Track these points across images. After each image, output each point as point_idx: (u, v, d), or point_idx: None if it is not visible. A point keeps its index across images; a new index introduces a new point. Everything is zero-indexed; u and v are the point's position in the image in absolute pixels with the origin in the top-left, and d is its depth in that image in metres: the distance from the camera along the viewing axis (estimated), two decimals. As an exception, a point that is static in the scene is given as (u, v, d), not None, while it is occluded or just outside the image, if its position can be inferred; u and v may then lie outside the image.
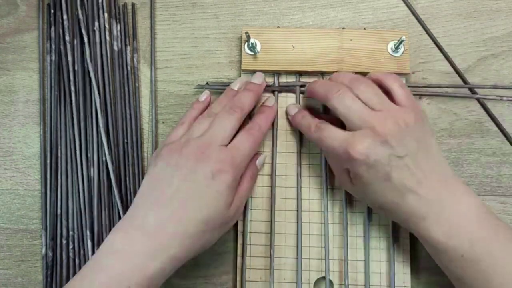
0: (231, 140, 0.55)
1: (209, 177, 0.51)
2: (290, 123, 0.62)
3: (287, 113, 0.62)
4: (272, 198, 0.61)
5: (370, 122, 0.51)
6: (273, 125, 0.62)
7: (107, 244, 0.49)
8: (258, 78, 0.61)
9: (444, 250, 0.50)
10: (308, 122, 0.58)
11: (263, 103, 0.62)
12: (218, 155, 0.52)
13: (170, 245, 0.49)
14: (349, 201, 0.61)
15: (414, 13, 0.66)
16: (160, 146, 0.56)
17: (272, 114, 0.61)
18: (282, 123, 0.63)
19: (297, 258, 0.60)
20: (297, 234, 0.60)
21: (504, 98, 0.59)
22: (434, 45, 0.65)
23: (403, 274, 0.59)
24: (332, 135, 0.54)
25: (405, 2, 0.66)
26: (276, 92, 0.63)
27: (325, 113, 0.62)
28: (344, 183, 0.57)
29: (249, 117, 0.60)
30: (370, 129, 0.51)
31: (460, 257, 0.49)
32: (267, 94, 0.63)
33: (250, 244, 0.60)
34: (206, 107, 0.60)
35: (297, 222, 0.60)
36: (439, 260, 0.53)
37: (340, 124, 0.55)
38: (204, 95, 0.61)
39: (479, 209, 0.51)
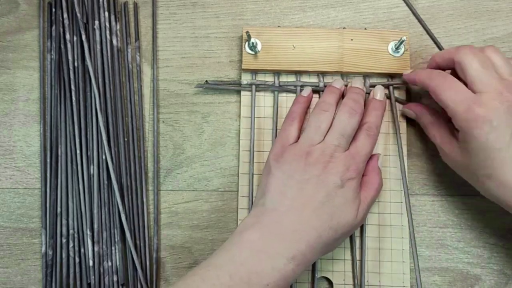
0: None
1: (338, 185, 0.52)
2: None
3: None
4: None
5: (499, 87, 0.51)
6: (273, 124, 0.62)
7: (244, 240, 0.50)
8: (359, 83, 0.60)
9: None
10: (429, 72, 0.57)
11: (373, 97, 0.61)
12: (344, 163, 0.53)
13: (306, 250, 0.50)
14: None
15: (415, 13, 0.66)
16: (278, 147, 0.56)
17: (384, 109, 0.60)
18: (282, 122, 0.62)
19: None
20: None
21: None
22: (434, 45, 0.65)
23: (402, 274, 0.59)
24: (456, 88, 0.53)
25: (406, 2, 0.66)
26: (276, 92, 0.63)
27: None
28: (449, 153, 0.56)
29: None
30: (498, 94, 0.50)
31: None
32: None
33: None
34: (309, 102, 0.61)
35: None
36: None
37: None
38: (308, 90, 0.61)
39: None
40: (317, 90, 0.63)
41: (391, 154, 0.62)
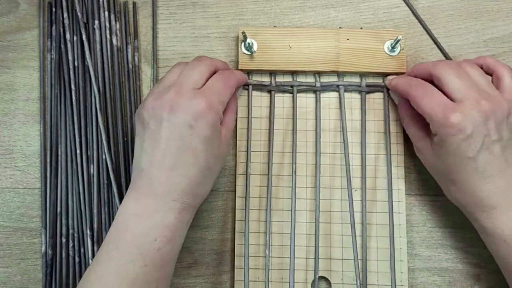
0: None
1: (191, 124, 0.50)
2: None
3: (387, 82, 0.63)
4: (268, 198, 0.61)
5: (477, 96, 0.51)
6: (270, 125, 0.62)
7: (124, 212, 0.51)
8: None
9: (508, 242, 0.52)
10: (409, 79, 0.58)
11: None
12: (191, 100, 0.51)
13: (181, 197, 0.51)
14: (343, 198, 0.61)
15: (415, 14, 0.66)
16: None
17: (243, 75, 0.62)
18: (278, 122, 0.63)
19: (290, 257, 0.60)
20: (290, 233, 0.60)
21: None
22: (434, 46, 0.65)
23: (400, 273, 0.59)
24: (435, 95, 0.54)
25: (406, 2, 0.66)
26: (272, 92, 0.63)
27: None
28: (422, 149, 0.57)
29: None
30: (476, 102, 0.51)
31: None
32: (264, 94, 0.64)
33: (250, 244, 0.61)
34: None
35: (291, 222, 0.60)
36: (499, 252, 0.53)
37: None
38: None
39: None
40: (314, 90, 0.63)
41: (389, 153, 0.62)
